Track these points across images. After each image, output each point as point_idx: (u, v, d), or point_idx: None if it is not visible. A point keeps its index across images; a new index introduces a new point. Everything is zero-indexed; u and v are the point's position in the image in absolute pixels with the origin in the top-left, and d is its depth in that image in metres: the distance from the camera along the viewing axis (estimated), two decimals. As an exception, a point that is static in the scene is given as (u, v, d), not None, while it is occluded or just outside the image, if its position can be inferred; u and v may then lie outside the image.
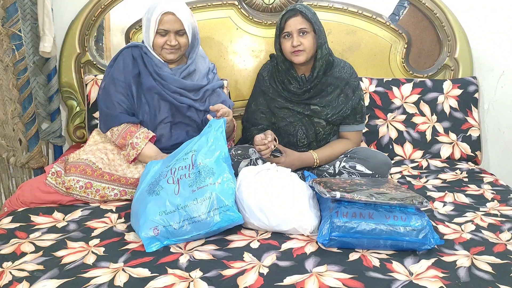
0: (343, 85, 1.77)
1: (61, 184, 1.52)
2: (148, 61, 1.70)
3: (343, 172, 1.66)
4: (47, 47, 1.91)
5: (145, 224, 1.27)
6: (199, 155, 1.37)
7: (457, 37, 2.15)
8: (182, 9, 1.65)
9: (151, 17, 1.63)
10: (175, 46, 1.66)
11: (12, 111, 1.91)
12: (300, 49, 1.68)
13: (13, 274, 1.12)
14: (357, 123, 1.81)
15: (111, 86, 1.70)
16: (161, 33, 1.65)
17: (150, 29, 1.64)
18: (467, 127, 2.07)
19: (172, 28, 1.64)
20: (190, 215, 1.27)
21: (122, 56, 1.72)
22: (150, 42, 1.67)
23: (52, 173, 1.54)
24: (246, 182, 1.41)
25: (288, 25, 1.68)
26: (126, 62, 1.70)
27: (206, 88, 1.77)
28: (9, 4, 1.80)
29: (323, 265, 1.17)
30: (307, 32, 1.67)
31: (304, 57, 1.70)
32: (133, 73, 1.70)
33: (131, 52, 1.72)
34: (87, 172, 1.55)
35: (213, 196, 1.29)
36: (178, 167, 1.37)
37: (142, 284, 1.09)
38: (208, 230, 1.28)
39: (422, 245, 1.23)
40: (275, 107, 1.81)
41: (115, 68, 1.71)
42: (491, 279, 1.13)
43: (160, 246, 1.26)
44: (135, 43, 1.77)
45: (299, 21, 1.67)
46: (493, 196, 1.65)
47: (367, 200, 1.25)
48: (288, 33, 1.69)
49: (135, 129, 1.67)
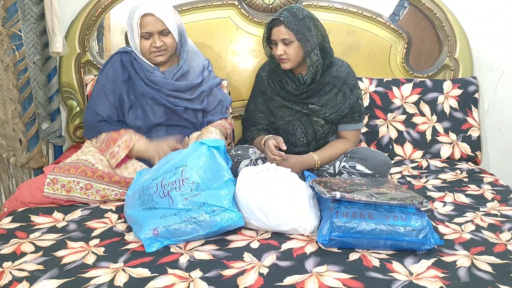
0: (341, 84, 1.77)
1: (60, 189, 1.50)
2: (138, 67, 1.69)
3: (343, 172, 1.67)
4: (58, 47, 1.92)
5: (144, 226, 1.28)
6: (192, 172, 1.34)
7: (457, 37, 2.15)
8: (161, 8, 1.64)
9: (132, 21, 1.62)
10: (161, 47, 1.65)
11: (12, 111, 1.91)
12: (284, 58, 1.68)
13: (13, 274, 1.12)
14: (356, 122, 1.81)
15: (95, 94, 1.70)
16: (145, 36, 1.64)
17: (134, 34, 1.64)
18: (467, 127, 2.07)
19: (154, 29, 1.62)
20: (190, 216, 1.27)
21: (111, 62, 1.72)
22: (137, 48, 1.67)
23: (47, 183, 1.50)
24: (246, 182, 1.41)
25: (272, 33, 1.68)
26: (115, 68, 1.70)
27: (202, 89, 1.76)
28: (9, 4, 1.80)
29: (323, 265, 1.17)
30: (291, 41, 1.66)
31: (289, 65, 1.70)
32: (123, 78, 1.69)
33: (121, 58, 1.71)
34: (87, 173, 1.54)
35: (212, 198, 1.30)
36: (168, 182, 1.33)
37: (142, 284, 1.09)
38: (208, 231, 1.29)
39: (422, 245, 1.23)
40: (274, 106, 1.81)
41: (103, 75, 1.71)
42: (491, 279, 1.13)
43: (160, 246, 1.26)
44: (125, 48, 1.76)
45: (282, 32, 1.65)
46: (493, 196, 1.65)
47: (367, 200, 1.25)
48: (275, 41, 1.69)
49: (117, 136, 1.65)
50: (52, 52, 1.94)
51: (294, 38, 1.65)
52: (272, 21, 1.68)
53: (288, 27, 1.64)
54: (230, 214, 1.30)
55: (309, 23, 1.67)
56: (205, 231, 1.28)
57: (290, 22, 1.64)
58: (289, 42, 1.66)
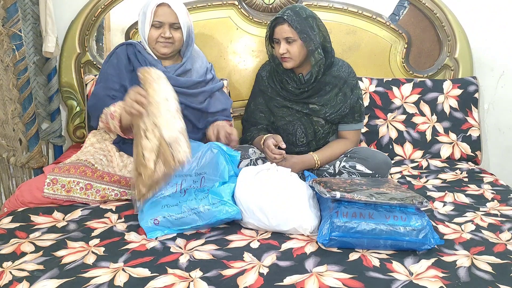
0: (341, 84, 1.77)
1: (60, 189, 1.50)
2: (142, 59, 1.70)
3: (343, 172, 1.67)
4: (51, 47, 1.92)
5: (147, 214, 1.36)
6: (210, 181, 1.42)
7: (457, 37, 2.16)
8: (178, 3, 1.67)
9: (146, 10, 1.65)
10: (169, 39, 1.66)
11: (12, 111, 1.91)
12: (287, 57, 1.68)
13: (13, 274, 1.12)
14: (356, 122, 1.81)
15: (100, 79, 1.70)
16: (156, 25, 1.65)
17: (146, 21, 1.65)
18: (467, 127, 2.07)
19: (167, 20, 1.64)
20: (190, 207, 1.35)
21: (116, 53, 1.72)
22: (145, 35, 1.67)
23: (47, 183, 1.50)
24: (245, 182, 1.41)
25: (275, 32, 1.69)
26: (120, 58, 1.70)
27: (204, 89, 1.76)
28: (9, 4, 1.80)
29: (323, 265, 1.17)
30: (294, 40, 1.66)
31: (291, 64, 1.70)
32: (128, 68, 1.70)
33: (126, 49, 1.72)
34: (87, 173, 1.54)
35: (213, 191, 1.38)
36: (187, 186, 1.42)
37: (142, 284, 1.09)
38: (207, 222, 1.34)
39: (422, 245, 1.23)
40: (274, 106, 1.81)
41: (108, 64, 1.71)
42: (491, 279, 1.13)
43: (161, 234, 1.33)
44: (130, 41, 1.78)
45: (285, 30, 1.66)
46: (493, 196, 1.65)
47: (367, 200, 1.25)
48: (277, 39, 1.69)
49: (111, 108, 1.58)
50: (45, 52, 1.94)
51: (297, 36, 1.65)
52: (275, 19, 1.68)
53: (291, 25, 1.64)
54: (229, 207, 1.35)
55: (312, 22, 1.67)
56: (203, 222, 1.34)
57: (293, 20, 1.64)
58: (292, 41, 1.66)
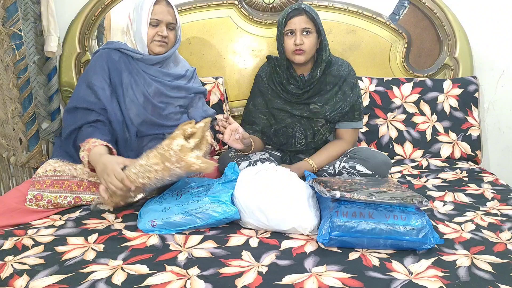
0: (341, 83, 1.77)
1: (47, 204, 1.46)
2: (126, 61, 1.65)
3: (343, 172, 1.66)
4: (53, 47, 1.92)
5: (144, 217, 1.37)
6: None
7: (457, 37, 2.15)
8: (172, 3, 1.67)
9: (142, 7, 1.61)
10: (165, 38, 1.64)
11: (13, 110, 1.91)
12: (302, 49, 1.68)
13: (14, 267, 1.13)
14: (356, 120, 1.81)
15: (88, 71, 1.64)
16: (153, 23, 1.63)
17: (142, 21, 1.61)
18: (467, 126, 2.07)
19: (165, 19, 1.63)
20: (187, 209, 1.35)
21: (101, 53, 1.66)
22: (141, 34, 1.62)
23: (29, 199, 1.44)
24: (245, 182, 1.41)
25: (292, 22, 1.68)
26: (109, 54, 1.65)
27: (183, 83, 1.72)
28: (9, 3, 1.80)
29: (322, 264, 1.17)
30: (310, 32, 1.67)
31: (304, 57, 1.70)
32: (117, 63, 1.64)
33: (111, 54, 1.65)
34: (73, 187, 1.50)
35: (212, 193, 1.40)
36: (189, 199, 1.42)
37: (139, 280, 1.09)
38: (205, 223, 1.35)
39: (422, 244, 1.23)
40: (274, 108, 1.80)
41: (94, 59, 1.66)
42: (491, 278, 1.12)
43: (158, 233, 1.35)
44: (111, 44, 1.69)
45: (304, 20, 1.66)
46: (493, 195, 1.65)
47: (367, 199, 1.24)
48: (292, 31, 1.68)
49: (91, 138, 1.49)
50: (47, 52, 1.94)
51: (313, 29, 1.68)
52: (292, 11, 1.69)
53: (309, 17, 1.66)
54: (227, 207, 1.35)
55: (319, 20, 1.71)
56: (202, 223, 1.35)
57: (312, 11, 1.68)
58: (308, 32, 1.67)
